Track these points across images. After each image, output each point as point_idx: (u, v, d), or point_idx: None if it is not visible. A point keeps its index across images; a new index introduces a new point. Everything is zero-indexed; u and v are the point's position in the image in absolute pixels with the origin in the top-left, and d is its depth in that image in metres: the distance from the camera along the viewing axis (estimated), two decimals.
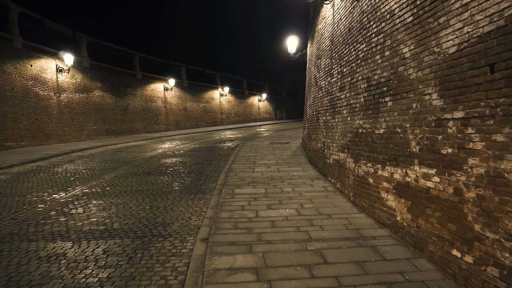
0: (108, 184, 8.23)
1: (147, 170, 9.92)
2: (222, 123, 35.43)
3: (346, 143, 6.41)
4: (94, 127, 19.43)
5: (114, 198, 6.90)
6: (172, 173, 9.41)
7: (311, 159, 9.96)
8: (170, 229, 5.08)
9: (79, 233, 4.99)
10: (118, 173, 9.62)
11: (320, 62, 9.17)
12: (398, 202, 4.43)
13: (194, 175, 9.08)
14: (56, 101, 16.79)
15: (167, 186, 7.85)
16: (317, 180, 7.82)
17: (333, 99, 7.53)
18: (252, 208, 5.73)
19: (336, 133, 7.22)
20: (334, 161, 7.22)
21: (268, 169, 9.29)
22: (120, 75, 22.30)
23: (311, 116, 10.61)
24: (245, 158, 11.25)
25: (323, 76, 8.74)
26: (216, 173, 9.24)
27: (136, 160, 11.96)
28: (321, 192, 6.74)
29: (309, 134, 10.72)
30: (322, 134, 8.53)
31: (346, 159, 6.41)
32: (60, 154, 12.93)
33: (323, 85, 8.71)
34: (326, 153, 8.02)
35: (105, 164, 11.13)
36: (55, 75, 16.73)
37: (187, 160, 11.82)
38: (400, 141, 4.41)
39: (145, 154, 13.72)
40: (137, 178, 8.86)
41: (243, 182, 7.69)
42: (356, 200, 5.79)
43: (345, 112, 6.60)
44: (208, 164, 10.76)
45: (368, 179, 5.31)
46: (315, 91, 9.87)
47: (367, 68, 5.53)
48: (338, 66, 7.22)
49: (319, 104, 9.13)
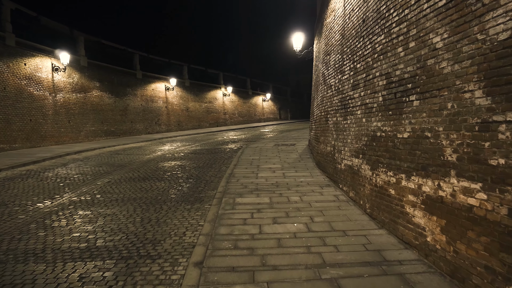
0: (100, 191, 7.59)
1: (143, 175, 9.27)
2: (225, 124, 34.74)
3: (361, 147, 5.71)
4: (92, 128, 18.79)
5: (103, 208, 6.25)
6: (169, 179, 8.75)
7: (319, 163, 9.26)
8: (160, 248, 4.41)
9: (57, 252, 4.33)
10: (112, 178, 8.98)
11: (329, 59, 8.47)
12: (428, 219, 3.73)
13: (193, 181, 8.41)
14: (52, 101, 16.17)
15: (162, 194, 7.19)
16: (327, 188, 7.12)
17: (345, 98, 6.84)
18: (255, 222, 5.05)
19: (348, 136, 6.53)
20: (347, 167, 6.52)
21: (273, 174, 8.60)
22: (120, 75, 21.66)
23: (319, 117, 9.91)
24: (248, 161, 10.57)
25: (332, 73, 8.05)
26: (217, 179, 8.57)
27: (133, 164, 11.32)
28: (333, 202, 6.04)
29: (317, 136, 10.02)
30: (332, 136, 7.84)
31: (361, 165, 5.71)
32: (54, 157, 12.31)
33: (332, 83, 8.02)
34: (336, 158, 7.33)
35: (100, 168, 10.49)
36: (51, 74, 16.10)
37: (187, 163, 11.16)
38: (430, 147, 3.71)
39: (143, 157, 13.08)
40: (131, 184, 8.22)
41: (245, 190, 7.01)
42: (374, 213, 5.09)
43: (359, 113, 5.91)
44: (209, 169, 10.09)
45: (389, 190, 4.61)
46: (323, 90, 9.17)
47: (386, 62, 4.83)
48: (351, 61, 6.53)
49: (328, 104, 8.44)
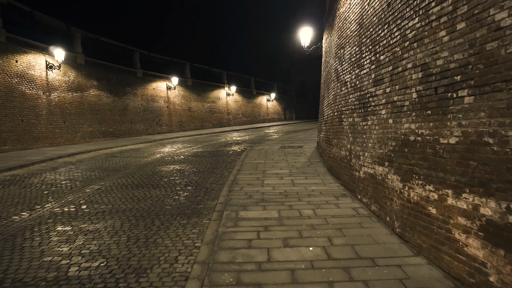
0: (87, 200, 6.76)
1: (138, 181, 8.44)
2: (228, 124, 33.87)
3: (387, 153, 4.82)
4: (89, 129, 17.99)
5: (87, 223, 5.41)
6: (166, 186, 7.91)
7: (331, 169, 8.36)
8: (145, 281, 3.55)
9: (15, 286, 3.49)
10: (103, 185, 8.15)
11: (344, 52, 7.58)
12: (490, 252, 2.84)
13: (192, 189, 7.55)
14: (46, 100, 15.38)
15: (156, 205, 6.35)
16: (343, 198, 6.23)
17: (364, 96, 5.95)
18: (262, 245, 4.17)
19: (369, 139, 5.63)
20: (367, 176, 5.63)
21: (281, 181, 7.72)
22: (119, 73, 20.83)
23: (330, 117, 9.02)
24: (253, 166, 9.69)
25: (348, 68, 7.16)
26: (218, 186, 7.71)
27: (129, 168, 10.49)
28: (352, 218, 5.15)
29: (328, 139, 9.12)
30: (347, 139, 6.95)
31: (387, 175, 4.81)
32: (45, 160, 11.50)
33: (348, 80, 7.13)
34: (353, 164, 6.44)
35: (92, 173, 9.67)
36: (45, 72, 15.29)
37: (187, 168, 10.31)
38: (493, 157, 2.82)
39: (141, 160, 12.25)
40: (123, 192, 7.38)
41: (250, 201, 6.14)
42: (406, 235, 4.20)
43: (384, 113, 5.02)
44: (210, 174, 9.23)
45: (428, 208, 3.72)
46: (336, 88, 8.28)
47: (422, 51, 3.95)
48: (371, 53, 5.65)
49: (342, 102, 7.55)
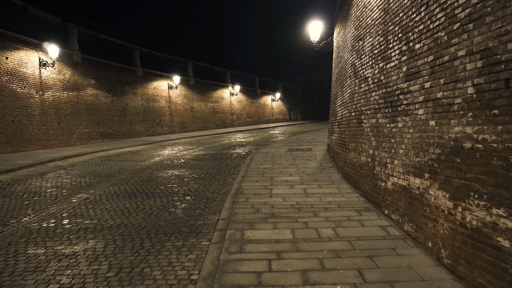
0: (70, 213, 5.90)
1: (132, 189, 7.58)
2: (232, 125, 32.98)
3: (428, 162, 3.91)
4: (86, 130, 17.14)
5: (64, 243, 4.55)
6: (162, 195, 7.04)
7: (348, 176, 7.45)
8: None
9: None
10: (92, 193, 7.30)
11: (363, 44, 6.67)
12: None
13: (191, 199, 6.68)
14: (39, 100, 14.56)
15: (148, 219, 5.47)
16: (367, 213, 5.32)
17: (391, 93, 5.04)
18: (275, 281, 3.28)
19: (399, 144, 4.72)
20: (398, 188, 4.71)
21: (291, 190, 6.83)
22: (118, 71, 19.98)
23: (346, 118, 8.10)
24: (259, 171, 8.80)
25: (369, 62, 6.25)
26: (221, 196, 6.83)
27: (124, 173, 9.63)
28: (383, 240, 4.24)
29: (344, 142, 8.21)
30: (369, 143, 6.04)
31: (427, 189, 3.90)
32: (34, 164, 10.67)
33: (369, 75, 6.22)
34: (377, 172, 5.52)
35: (82, 179, 8.82)
36: (38, 69, 14.47)
37: (186, 173, 9.43)
38: None
39: (138, 164, 11.39)
40: (113, 203, 6.52)
41: (257, 216, 5.25)
42: (461, 269, 3.28)
43: (422, 113, 4.11)
44: (212, 181, 8.35)
45: (497, 238, 2.81)
46: (353, 85, 7.37)
47: (482, 33, 3.04)
48: (402, 43, 4.74)
49: (362, 101, 6.63)
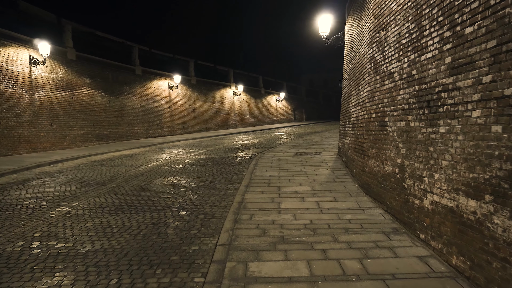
0: (43, 233, 5.00)
1: (120, 202, 6.67)
2: (235, 126, 32.02)
3: (490, 181, 2.95)
4: (80, 131, 16.25)
5: (23, 279, 3.64)
6: (154, 209, 6.12)
7: (367, 187, 6.49)
8: None
9: None
10: (75, 206, 6.40)
11: (386, 35, 5.71)
12: None
13: (186, 215, 5.75)
14: (29, 100, 13.68)
15: (133, 243, 4.56)
16: (397, 236, 4.37)
17: (429, 91, 4.09)
18: None
19: (442, 154, 3.77)
20: (441, 209, 3.76)
21: (303, 204, 5.89)
22: (116, 70, 19.06)
23: (364, 120, 7.14)
24: (265, 179, 7.86)
25: (394, 54, 5.29)
26: (221, 211, 5.90)
27: (115, 180, 8.72)
28: (427, 280, 3.28)
29: (361, 147, 7.24)
30: (396, 150, 5.08)
31: (491, 216, 2.94)
32: (18, 170, 9.78)
33: (394, 69, 5.27)
34: (409, 186, 4.57)
35: (68, 188, 7.92)
36: (28, 68, 13.59)
37: (184, 181, 8.51)
38: None
39: (132, 169, 10.48)
40: (96, 219, 5.61)
41: (264, 241, 4.31)
42: None
43: (478, 115, 3.18)
44: (211, 190, 7.42)
45: None
46: (373, 82, 6.41)
47: None
48: (443, 27, 3.80)
49: (385, 100, 5.68)
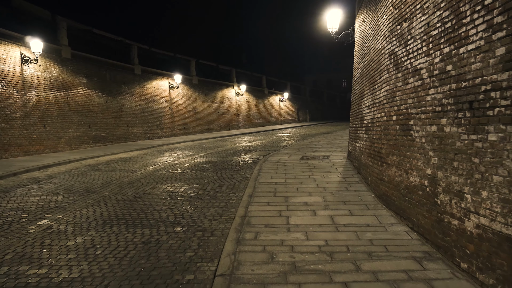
0: (17, 254, 4.31)
1: (110, 214, 5.97)
2: (238, 127, 31.30)
3: None
4: (76, 133, 15.57)
5: None
6: (146, 223, 5.42)
7: (385, 198, 5.75)
8: None
9: None
10: (59, 219, 5.70)
11: (410, 26, 4.98)
12: None
13: (182, 232, 5.04)
14: (20, 100, 12.99)
15: (117, 270, 3.85)
16: (431, 264, 3.63)
17: (471, 90, 3.38)
18: None
19: (494, 167, 3.05)
20: (491, 235, 3.03)
21: (314, 219, 5.16)
22: (113, 69, 18.36)
23: (381, 122, 6.40)
24: (270, 188, 7.14)
25: (422, 48, 4.56)
26: (221, 227, 5.19)
27: (107, 188, 8.02)
28: None
29: (377, 152, 6.50)
30: (426, 159, 4.34)
31: None
32: (4, 176, 9.07)
33: (422, 65, 4.53)
34: (444, 203, 3.83)
35: (54, 198, 7.23)
36: (19, 66, 12.90)
37: (182, 189, 7.80)
38: None
39: (128, 174, 9.77)
40: (79, 236, 4.92)
41: (272, 270, 3.58)
42: None
43: None
44: (211, 201, 6.71)
45: None
46: (393, 80, 5.67)
47: None
48: (493, 12, 3.09)
49: (409, 101, 4.94)
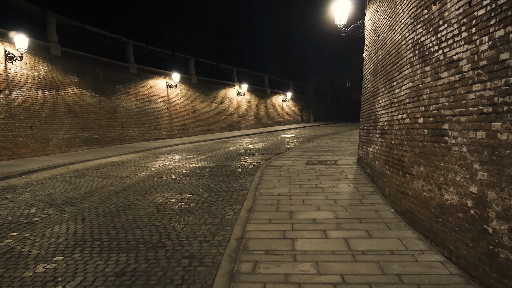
0: None
1: (84, 233, 5.11)
2: (239, 128, 30.41)
3: None
4: (67, 135, 14.75)
5: None
6: (124, 246, 4.55)
7: (409, 215, 4.84)
8: None
9: None
10: (25, 239, 4.84)
11: (441, 10, 4.09)
12: None
13: (165, 257, 4.16)
14: (4, 100, 12.14)
15: None
16: None
17: None
18: None
19: None
20: None
21: (325, 242, 4.27)
22: (108, 68, 17.53)
23: (402, 125, 5.48)
24: (272, 200, 6.26)
25: (459, 34, 3.67)
26: (213, 252, 4.30)
27: (89, 199, 7.16)
28: None
29: (399, 160, 5.58)
30: (468, 173, 3.44)
31: None
32: None
33: (461, 56, 3.65)
34: (498, 233, 2.93)
35: (27, 210, 6.37)
36: (3, 64, 12.06)
37: (172, 200, 6.93)
38: None
39: (115, 182, 8.90)
40: (40, 264, 4.06)
41: None
42: None
43: None
44: (204, 216, 5.83)
45: None
46: (419, 75, 4.76)
47: None
48: None
49: (442, 100, 4.04)
